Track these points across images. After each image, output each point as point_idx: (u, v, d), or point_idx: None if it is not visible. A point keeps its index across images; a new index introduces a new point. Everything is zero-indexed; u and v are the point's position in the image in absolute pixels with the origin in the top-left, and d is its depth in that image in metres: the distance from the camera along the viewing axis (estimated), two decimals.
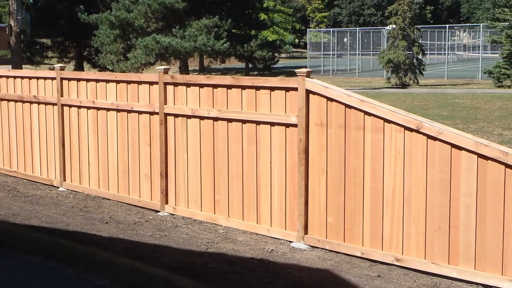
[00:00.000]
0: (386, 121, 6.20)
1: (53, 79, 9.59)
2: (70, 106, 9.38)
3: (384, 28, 43.65)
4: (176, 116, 8.00)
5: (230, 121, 7.43)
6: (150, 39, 26.59)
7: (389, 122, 6.18)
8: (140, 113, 8.42)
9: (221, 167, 7.58)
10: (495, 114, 18.03)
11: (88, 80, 9.13)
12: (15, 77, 10.33)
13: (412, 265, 6.11)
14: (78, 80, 9.28)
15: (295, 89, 6.80)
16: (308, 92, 6.71)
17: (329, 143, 6.63)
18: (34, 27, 29.07)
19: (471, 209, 5.75)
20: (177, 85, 7.96)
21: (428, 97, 23.72)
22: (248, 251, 6.65)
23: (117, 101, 8.69)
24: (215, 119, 7.57)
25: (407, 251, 6.15)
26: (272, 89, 7.03)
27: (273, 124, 7.04)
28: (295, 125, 6.83)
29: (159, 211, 8.26)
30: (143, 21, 27.92)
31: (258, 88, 7.14)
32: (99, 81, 8.97)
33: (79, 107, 9.24)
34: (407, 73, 30.90)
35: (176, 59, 29.77)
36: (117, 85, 8.69)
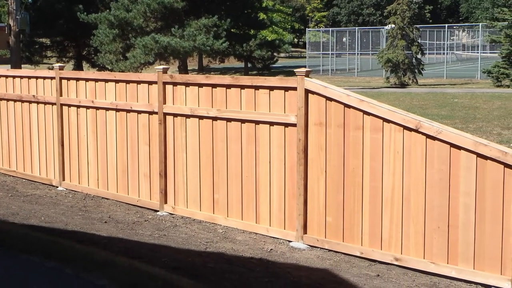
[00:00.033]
0: (385, 120, 6.20)
1: (52, 78, 9.58)
2: (69, 105, 9.38)
3: (383, 27, 43.65)
4: (175, 115, 8.00)
5: (229, 120, 7.43)
6: (149, 38, 26.60)
7: (388, 121, 6.18)
8: (139, 112, 8.42)
9: (220, 166, 7.57)
10: (494, 113, 18.04)
11: (87, 79, 9.13)
12: (14, 77, 10.32)
13: (411, 265, 6.12)
14: (77, 79, 9.28)
15: (294, 89, 6.79)
16: (307, 91, 6.71)
17: (328, 142, 6.63)
18: (33, 27, 29.04)
19: (470, 209, 5.75)
20: (176, 84, 7.96)
21: (427, 97, 23.72)
22: (247, 250, 6.65)
23: (116, 100, 8.69)
24: (214, 119, 7.57)
25: (406, 250, 6.15)
26: (271, 88, 7.03)
27: (272, 123, 7.04)
28: (294, 125, 6.83)
29: (158, 211, 8.26)
30: (142, 20, 27.93)
31: (257, 87, 7.14)
32: (98, 80, 8.97)
33: (78, 107, 9.24)
34: (406, 73, 30.90)
35: (175, 59, 29.78)
36: (116, 84, 8.69)
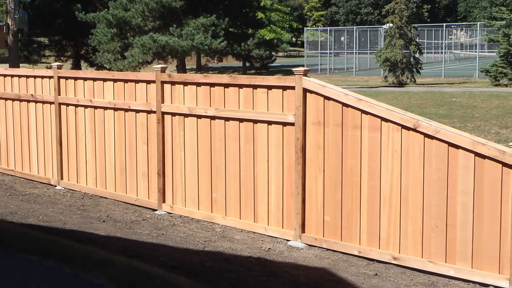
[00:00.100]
0: (383, 119, 6.20)
1: (50, 77, 9.57)
2: (67, 104, 9.37)
3: (381, 26, 43.65)
4: (173, 114, 8.00)
5: (227, 119, 7.43)
6: (147, 37, 26.57)
7: (386, 121, 6.18)
8: (137, 111, 8.41)
9: (219, 165, 7.58)
10: (492, 112, 18.05)
11: (85, 78, 9.12)
12: (12, 76, 10.32)
13: (409, 264, 6.12)
14: (75, 79, 9.27)
15: (292, 88, 6.80)
16: (305, 90, 6.71)
17: (326, 141, 6.63)
18: (31, 26, 29.02)
19: (468, 208, 5.76)
20: (174, 83, 7.95)
21: (425, 96, 23.73)
22: (245, 249, 6.66)
23: (114, 99, 8.69)
24: (212, 118, 7.57)
25: (404, 249, 6.16)
26: (269, 87, 7.03)
27: (270, 122, 7.04)
28: (292, 124, 6.83)
29: (156, 210, 8.26)
30: (140, 19, 27.89)
31: (255, 86, 7.14)
32: (96, 79, 8.96)
33: (77, 106, 9.23)
34: (404, 72, 30.91)
35: (173, 58, 29.74)
36: (115, 83, 8.68)
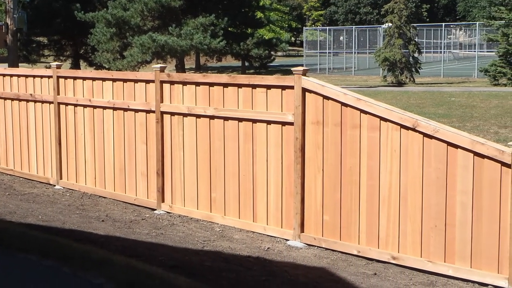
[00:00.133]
0: (382, 119, 6.21)
1: (49, 77, 9.57)
2: (66, 104, 9.37)
3: (380, 26, 43.70)
4: (172, 114, 8.00)
5: (226, 119, 7.43)
6: (146, 37, 26.56)
7: (385, 120, 6.18)
8: (136, 111, 8.41)
9: (218, 165, 7.58)
10: (491, 112, 18.06)
11: (84, 78, 9.12)
12: (11, 75, 10.31)
13: (408, 263, 6.13)
14: (74, 78, 9.27)
15: (292, 88, 6.80)
16: (304, 90, 6.72)
17: (325, 141, 6.63)
18: (30, 26, 28.99)
19: (467, 207, 5.76)
20: (173, 83, 7.95)
21: (424, 96, 23.74)
22: (244, 249, 6.66)
23: (113, 99, 8.68)
24: (212, 117, 7.57)
25: (403, 249, 6.16)
26: (268, 87, 7.03)
27: (269, 122, 7.04)
28: (292, 123, 6.83)
29: (156, 209, 8.26)
30: (139, 19, 27.87)
31: (254, 86, 7.14)
32: (95, 79, 8.96)
33: (76, 105, 9.23)
34: (403, 72, 30.93)
35: (172, 58, 29.73)
36: (114, 83, 8.68)
